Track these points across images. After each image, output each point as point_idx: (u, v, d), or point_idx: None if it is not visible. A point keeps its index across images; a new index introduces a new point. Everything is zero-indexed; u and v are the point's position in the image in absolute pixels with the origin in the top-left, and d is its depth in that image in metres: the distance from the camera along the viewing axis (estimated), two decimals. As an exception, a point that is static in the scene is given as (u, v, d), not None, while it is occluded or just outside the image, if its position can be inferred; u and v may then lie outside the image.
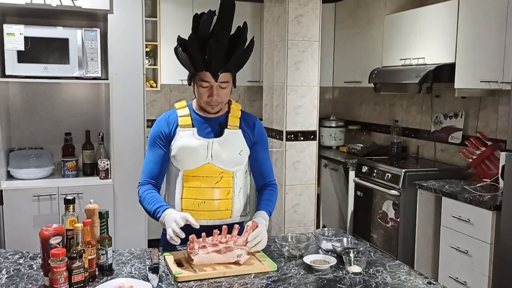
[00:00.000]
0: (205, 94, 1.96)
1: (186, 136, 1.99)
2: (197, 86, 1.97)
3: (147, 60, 4.68)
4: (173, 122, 2.02)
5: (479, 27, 3.22)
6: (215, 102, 1.96)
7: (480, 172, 3.46)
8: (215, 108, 2.00)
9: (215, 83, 1.93)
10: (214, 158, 1.99)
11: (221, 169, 2.01)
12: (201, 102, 1.99)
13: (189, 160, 1.98)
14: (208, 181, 2.00)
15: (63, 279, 1.51)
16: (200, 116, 2.04)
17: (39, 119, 3.53)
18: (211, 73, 1.91)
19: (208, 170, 1.99)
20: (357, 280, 1.70)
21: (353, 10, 4.77)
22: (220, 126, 2.03)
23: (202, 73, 1.93)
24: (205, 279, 1.68)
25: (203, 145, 1.99)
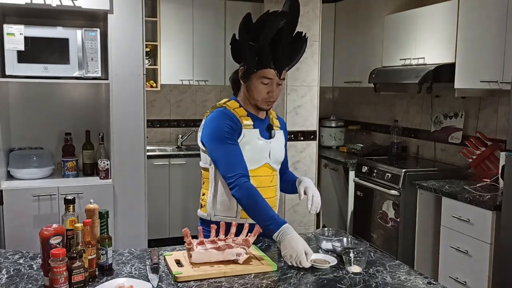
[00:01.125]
0: (265, 91, 1.99)
1: (251, 136, 2.01)
2: (255, 83, 1.99)
3: (147, 60, 4.68)
4: (237, 121, 2.00)
5: (479, 27, 3.22)
6: (273, 98, 2.02)
7: (480, 172, 3.46)
8: (270, 105, 2.06)
9: (276, 80, 1.99)
10: (271, 158, 2.06)
11: (273, 168, 2.09)
12: (258, 98, 2.01)
13: (253, 160, 2.00)
14: (265, 181, 2.05)
15: (63, 279, 1.51)
16: (254, 115, 2.06)
17: (39, 119, 3.52)
18: (276, 71, 1.97)
19: (265, 170, 2.05)
20: (357, 280, 1.70)
21: (353, 10, 4.77)
22: (267, 127, 2.10)
23: (266, 70, 1.97)
24: (205, 279, 1.68)
25: (265, 145, 2.04)
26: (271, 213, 1.88)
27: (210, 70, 4.90)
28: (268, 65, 1.96)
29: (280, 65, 1.98)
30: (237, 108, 2.04)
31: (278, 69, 1.98)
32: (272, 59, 1.96)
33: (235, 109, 2.03)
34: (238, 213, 2.02)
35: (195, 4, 4.81)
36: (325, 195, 4.84)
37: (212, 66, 4.91)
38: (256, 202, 1.89)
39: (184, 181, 4.64)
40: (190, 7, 4.81)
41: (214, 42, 4.87)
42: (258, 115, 2.08)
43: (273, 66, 1.97)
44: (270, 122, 2.13)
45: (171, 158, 4.63)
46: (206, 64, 4.90)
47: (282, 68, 1.99)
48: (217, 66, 4.93)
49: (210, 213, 2.06)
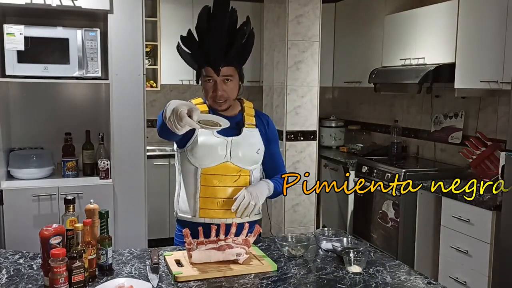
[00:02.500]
0: (210, 90, 1.96)
1: (205, 134, 1.96)
2: (203, 83, 1.98)
3: (147, 60, 4.68)
4: None
5: (479, 27, 3.22)
6: (220, 98, 1.96)
7: (480, 172, 3.46)
8: (222, 105, 1.98)
9: (217, 77, 1.93)
10: (233, 157, 1.99)
11: (239, 167, 2.00)
12: (207, 98, 1.99)
13: (208, 158, 1.96)
14: (226, 180, 1.98)
15: (63, 279, 1.51)
16: (218, 114, 2.01)
17: (39, 119, 3.52)
18: (212, 68, 1.92)
19: (226, 168, 1.98)
20: (357, 280, 1.70)
21: (353, 10, 4.77)
22: (237, 125, 2.03)
23: (205, 69, 1.94)
24: (205, 279, 1.68)
25: (222, 143, 1.97)
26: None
27: (210, 70, 4.90)
28: (202, 64, 1.94)
29: (213, 62, 1.90)
30: (199, 105, 2.00)
31: (213, 65, 1.90)
32: (204, 56, 1.91)
33: (197, 105, 1.97)
34: (196, 212, 1.98)
35: (195, 4, 4.81)
36: (325, 195, 4.85)
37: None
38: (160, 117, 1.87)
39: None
40: (190, 7, 4.80)
41: (214, 42, 4.86)
42: (224, 112, 2.01)
43: (207, 64, 1.92)
44: (243, 120, 2.05)
45: (171, 158, 4.63)
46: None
47: (217, 64, 1.90)
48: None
49: (176, 210, 2.09)
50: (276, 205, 4.33)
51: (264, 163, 2.12)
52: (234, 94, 2.01)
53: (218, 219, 1.95)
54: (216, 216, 1.96)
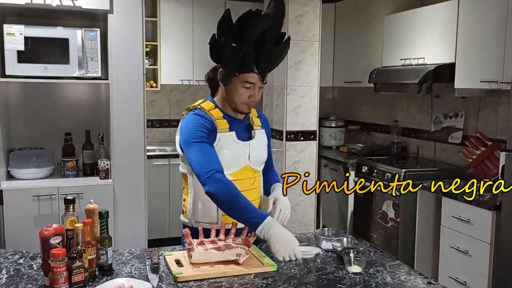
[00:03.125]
0: (246, 94, 1.92)
1: (226, 140, 1.93)
2: (236, 86, 1.91)
3: (147, 60, 4.68)
4: (212, 123, 1.92)
5: (479, 27, 3.22)
6: (253, 102, 1.95)
7: (480, 172, 3.46)
8: (250, 109, 1.99)
9: (259, 84, 1.92)
10: (251, 160, 1.99)
11: (254, 170, 2.02)
12: (237, 102, 1.93)
13: (232, 165, 1.93)
14: (245, 184, 1.98)
15: (63, 279, 1.51)
16: (231, 117, 1.99)
17: (39, 119, 3.52)
18: (259, 75, 1.90)
19: (245, 172, 1.97)
20: (357, 280, 1.70)
21: (353, 10, 4.77)
22: (247, 128, 2.03)
23: (249, 75, 1.89)
24: (205, 279, 1.68)
25: (243, 148, 1.97)
26: (251, 207, 1.80)
27: (210, 70, 4.90)
28: (251, 70, 1.88)
29: (263, 70, 1.90)
30: (212, 110, 1.96)
31: (262, 73, 1.90)
32: (256, 63, 1.88)
33: (210, 110, 1.95)
34: (219, 219, 1.96)
35: (195, 4, 4.81)
36: (325, 195, 4.84)
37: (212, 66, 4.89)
38: (235, 196, 1.79)
39: (184, 181, 4.63)
40: (190, 7, 4.81)
41: (214, 42, 4.86)
42: (237, 116, 2.00)
43: (256, 71, 1.89)
44: (250, 122, 2.06)
45: (171, 158, 4.63)
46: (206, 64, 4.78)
47: (265, 72, 1.92)
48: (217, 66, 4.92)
49: (191, 219, 2.01)
50: (276, 205, 4.32)
51: None
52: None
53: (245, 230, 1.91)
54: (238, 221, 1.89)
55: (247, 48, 1.84)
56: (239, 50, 1.85)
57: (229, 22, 1.89)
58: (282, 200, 2.01)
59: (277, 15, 1.89)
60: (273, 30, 1.88)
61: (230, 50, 1.85)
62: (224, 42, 1.87)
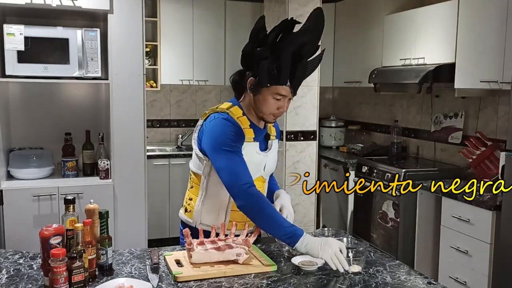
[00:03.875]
0: (275, 106, 1.88)
1: (250, 150, 1.92)
2: (266, 97, 1.87)
3: (147, 60, 4.68)
4: (242, 132, 1.90)
5: (479, 27, 3.22)
6: (281, 114, 1.94)
7: (480, 172, 3.46)
8: (276, 119, 1.97)
9: (290, 96, 1.90)
10: (265, 171, 2.01)
11: (264, 178, 2.03)
12: (266, 112, 1.90)
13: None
14: None
15: (63, 279, 1.51)
16: (256, 126, 1.97)
17: (39, 119, 3.52)
18: (293, 89, 1.88)
19: (257, 182, 1.95)
20: (357, 280, 1.70)
21: (353, 10, 4.77)
22: (265, 137, 2.03)
23: (281, 87, 1.85)
24: (205, 279, 1.68)
25: (262, 159, 1.98)
26: (285, 222, 1.80)
27: (210, 70, 4.90)
28: (285, 83, 1.84)
29: (297, 83, 1.89)
30: (241, 117, 1.92)
31: (295, 86, 1.88)
32: (290, 76, 1.84)
33: (239, 117, 1.91)
34: (226, 224, 1.94)
35: (195, 4, 4.81)
36: (325, 195, 4.85)
37: (212, 66, 4.91)
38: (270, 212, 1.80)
39: (184, 181, 4.61)
40: (190, 7, 4.80)
41: (214, 42, 4.87)
42: (259, 124, 1.99)
43: (289, 84, 1.86)
44: (268, 131, 2.04)
45: (171, 158, 4.63)
46: (206, 64, 4.90)
47: (298, 85, 1.90)
48: (217, 66, 4.93)
49: (196, 220, 2.01)
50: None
51: None
52: None
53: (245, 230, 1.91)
54: (243, 228, 1.89)
55: (285, 62, 1.81)
56: (275, 62, 1.81)
57: (263, 31, 1.84)
58: (288, 207, 2.01)
59: (316, 30, 1.87)
60: (311, 45, 1.86)
61: (267, 61, 1.81)
62: (261, 52, 1.82)
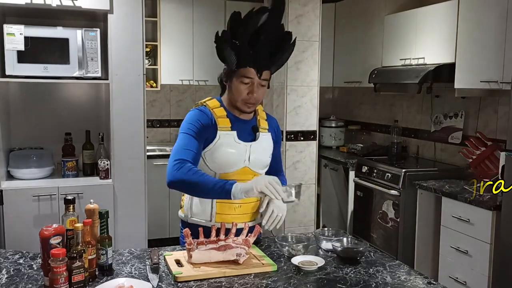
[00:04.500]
0: (245, 91, 1.92)
1: (226, 139, 1.94)
2: (236, 82, 1.93)
3: (147, 60, 4.68)
4: (211, 120, 1.94)
5: (479, 27, 3.22)
6: (254, 100, 1.94)
7: (480, 172, 3.46)
8: (251, 108, 1.97)
9: (257, 80, 1.91)
10: (251, 162, 1.98)
11: (254, 172, 2.00)
12: (238, 99, 1.94)
13: (228, 164, 1.94)
14: None
15: (63, 279, 1.51)
16: (235, 117, 1.99)
17: (39, 119, 3.52)
18: (255, 70, 1.89)
19: (243, 173, 1.96)
20: (357, 280, 1.70)
21: (353, 10, 4.76)
22: (253, 129, 2.02)
23: (246, 69, 1.90)
24: (205, 279, 1.68)
25: (243, 149, 1.96)
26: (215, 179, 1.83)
27: (210, 70, 4.90)
28: (247, 64, 1.88)
29: (260, 64, 1.89)
30: (217, 108, 1.97)
31: (258, 67, 1.89)
32: (252, 57, 1.88)
33: (214, 108, 1.96)
34: (212, 217, 1.97)
35: (195, 4, 4.81)
36: (325, 195, 4.85)
37: (212, 66, 4.90)
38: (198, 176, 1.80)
39: (184, 181, 4.63)
40: (190, 7, 4.81)
41: (214, 42, 4.86)
42: (241, 116, 2.00)
43: (252, 65, 1.89)
44: (257, 124, 2.05)
45: (171, 158, 4.62)
46: (206, 64, 4.89)
47: (262, 67, 1.90)
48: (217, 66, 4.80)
49: (186, 214, 2.04)
50: (276, 205, 4.32)
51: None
52: (262, 98, 2.01)
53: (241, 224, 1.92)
54: (232, 221, 1.92)
55: (242, 42, 1.86)
56: (235, 45, 1.86)
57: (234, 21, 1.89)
58: (277, 202, 1.96)
59: (274, 10, 1.89)
60: (270, 25, 1.88)
61: (227, 45, 1.87)
62: (221, 37, 1.87)
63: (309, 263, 1.80)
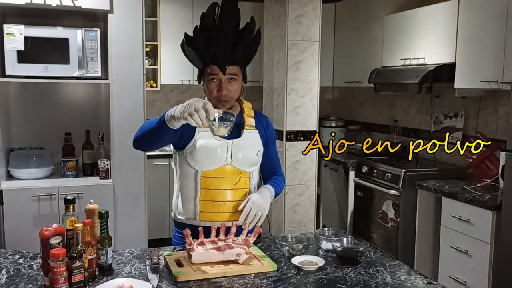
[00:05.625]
0: (215, 89, 1.92)
1: (205, 137, 1.93)
2: (206, 82, 1.95)
3: (147, 60, 4.68)
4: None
5: (479, 27, 3.22)
6: (225, 97, 1.92)
7: (480, 172, 3.46)
8: (226, 105, 1.94)
9: (223, 76, 1.91)
10: (234, 159, 1.97)
11: (239, 170, 1.98)
12: (211, 98, 1.94)
13: (208, 161, 1.93)
14: (227, 183, 1.96)
15: (63, 279, 1.51)
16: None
17: (39, 119, 3.52)
18: (218, 66, 1.90)
19: (227, 171, 1.96)
20: (357, 280, 1.70)
21: (353, 10, 4.77)
22: (237, 127, 1.99)
23: (210, 67, 1.91)
24: (205, 279, 1.68)
25: (222, 145, 1.95)
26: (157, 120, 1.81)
27: (210, 70, 4.90)
28: (207, 62, 1.90)
29: (221, 60, 1.88)
30: None
31: (219, 63, 1.88)
32: (211, 55, 1.88)
33: None
34: (196, 215, 1.97)
35: (195, 4, 4.81)
36: (325, 195, 4.85)
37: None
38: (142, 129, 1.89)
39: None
40: (190, 7, 4.81)
41: (214, 42, 4.87)
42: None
43: (213, 62, 1.89)
44: (243, 121, 2.02)
45: (171, 158, 4.60)
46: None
47: (223, 61, 1.88)
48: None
49: (175, 213, 2.06)
50: (276, 205, 4.33)
51: (261, 164, 2.11)
52: (237, 94, 1.99)
53: (219, 222, 1.93)
54: (216, 219, 1.94)
55: (199, 41, 1.89)
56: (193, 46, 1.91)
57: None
58: (254, 199, 1.94)
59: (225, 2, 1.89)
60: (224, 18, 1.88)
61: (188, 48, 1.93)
62: (182, 42, 1.94)
63: (309, 263, 1.80)
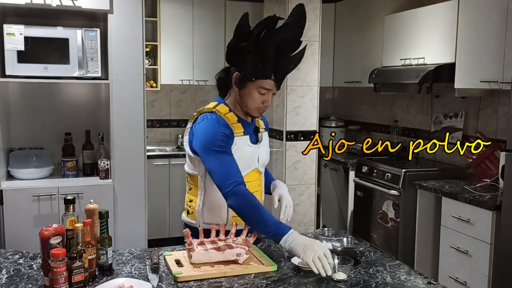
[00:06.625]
0: (259, 100, 1.93)
1: (241, 144, 1.95)
2: (251, 91, 1.92)
3: (147, 60, 4.68)
4: (230, 129, 1.92)
5: (479, 27, 3.22)
6: (266, 108, 1.98)
7: (480, 172, 3.46)
8: (261, 114, 2.01)
9: (274, 90, 1.95)
10: (259, 162, 2.03)
11: (260, 171, 2.06)
12: (251, 107, 1.95)
13: (243, 168, 1.92)
14: (253, 186, 1.98)
15: (63, 279, 1.51)
16: (243, 120, 2.00)
17: (39, 119, 3.52)
18: (276, 82, 1.92)
19: (254, 175, 2.00)
20: (357, 280, 1.70)
21: (353, 10, 4.77)
22: (254, 131, 2.05)
23: (266, 81, 1.90)
24: (205, 279, 1.68)
25: (255, 151, 2.00)
26: (272, 219, 1.79)
27: (210, 70, 4.89)
28: (269, 76, 1.90)
29: (280, 77, 1.94)
30: (228, 114, 1.94)
31: (278, 80, 1.93)
32: (274, 70, 1.91)
33: (226, 114, 1.94)
34: (228, 221, 1.97)
35: (195, 4, 4.81)
36: (325, 195, 4.85)
37: (212, 66, 4.90)
38: (257, 209, 1.80)
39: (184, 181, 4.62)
40: (190, 7, 4.80)
41: (214, 42, 4.87)
42: (246, 119, 2.02)
43: (273, 78, 1.91)
44: (256, 125, 2.08)
45: (171, 158, 4.63)
46: (206, 64, 4.89)
47: (281, 79, 1.95)
48: (217, 66, 4.91)
49: (199, 221, 2.01)
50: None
51: None
52: None
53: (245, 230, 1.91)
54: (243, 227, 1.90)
55: (268, 56, 1.87)
56: (259, 57, 1.87)
57: (248, 27, 1.90)
58: (286, 197, 2.06)
59: (298, 25, 1.96)
60: (293, 40, 1.95)
61: (250, 56, 1.87)
62: (245, 47, 1.88)
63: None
